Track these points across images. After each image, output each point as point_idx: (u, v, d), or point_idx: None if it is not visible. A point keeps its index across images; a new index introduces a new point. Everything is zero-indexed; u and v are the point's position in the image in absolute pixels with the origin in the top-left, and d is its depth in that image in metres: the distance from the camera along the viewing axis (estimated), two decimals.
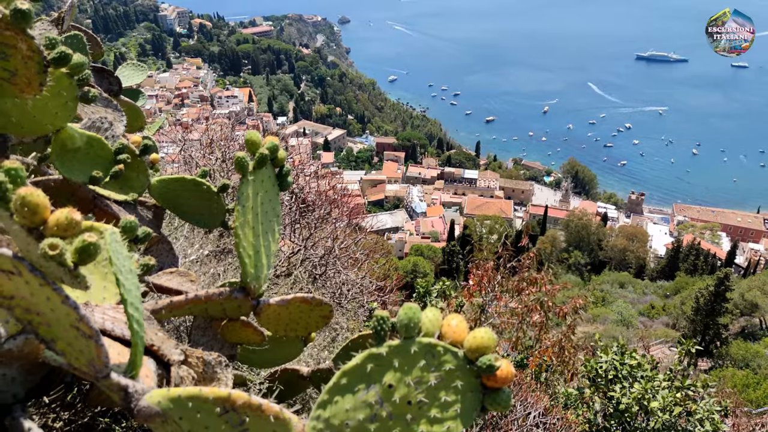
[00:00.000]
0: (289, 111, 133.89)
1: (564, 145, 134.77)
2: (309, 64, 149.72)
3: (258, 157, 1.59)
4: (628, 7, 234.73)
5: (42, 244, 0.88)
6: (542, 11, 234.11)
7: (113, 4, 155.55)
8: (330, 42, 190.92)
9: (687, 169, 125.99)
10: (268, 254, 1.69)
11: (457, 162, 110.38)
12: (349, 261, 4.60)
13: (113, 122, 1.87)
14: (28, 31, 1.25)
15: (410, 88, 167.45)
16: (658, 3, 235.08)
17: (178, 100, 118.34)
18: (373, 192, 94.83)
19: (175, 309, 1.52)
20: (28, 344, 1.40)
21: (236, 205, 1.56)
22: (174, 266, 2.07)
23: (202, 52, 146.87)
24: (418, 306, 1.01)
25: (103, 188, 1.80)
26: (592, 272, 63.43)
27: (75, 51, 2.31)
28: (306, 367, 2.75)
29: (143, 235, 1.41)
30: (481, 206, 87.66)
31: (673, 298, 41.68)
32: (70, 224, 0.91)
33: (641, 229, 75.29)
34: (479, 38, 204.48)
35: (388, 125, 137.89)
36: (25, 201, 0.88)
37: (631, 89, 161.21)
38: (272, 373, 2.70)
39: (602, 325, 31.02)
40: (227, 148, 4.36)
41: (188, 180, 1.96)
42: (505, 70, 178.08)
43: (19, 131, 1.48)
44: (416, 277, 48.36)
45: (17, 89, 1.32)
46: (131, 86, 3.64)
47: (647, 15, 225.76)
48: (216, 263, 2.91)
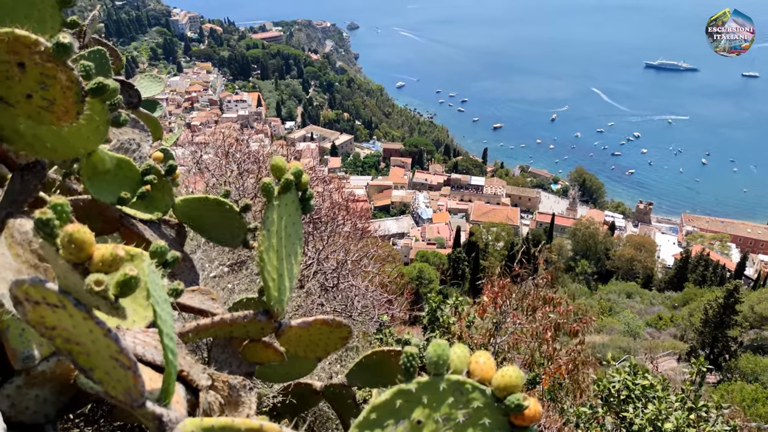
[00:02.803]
0: (297, 116, 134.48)
1: (571, 153, 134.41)
2: (318, 70, 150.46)
3: (283, 182, 1.62)
4: (638, 16, 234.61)
5: (88, 280, 0.91)
6: (551, 19, 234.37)
7: (126, 9, 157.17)
8: (339, 48, 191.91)
9: (696, 178, 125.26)
10: (290, 277, 1.72)
11: (463, 168, 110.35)
12: (361, 273, 4.63)
13: (141, 143, 1.91)
14: (69, 63, 1.29)
15: (418, 95, 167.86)
16: (668, 12, 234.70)
17: (188, 104, 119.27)
18: (380, 197, 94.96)
19: (201, 332, 1.55)
20: (59, 366, 1.44)
21: (261, 230, 1.59)
22: (195, 283, 2.11)
23: (213, 56, 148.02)
24: (446, 342, 1.03)
25: (130, 208, 1.84)
26: (599, 281, 63.07)
27: (99, 66, 2.37)
28: (319, 382, 2.77)
29: (172, 259, 1.44)
30: (488, 213, 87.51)
31: (681, 309, 41.34)
32: (115, 260, 0.94)
33: (649, 239, 74.84)
34: (487, 45, 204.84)
35: (396, 131, 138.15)
36: (73, 238, 0.91)
37: (640, 98, 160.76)
38: (285, 387, 2.73)
39: (609, 335, 30.82)
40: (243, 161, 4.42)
41: (211, 200, 2.00)
42: (513, 77, 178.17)
43: (53, 155, 1.52)
44: (421, 283, 48.31)
45: (55, 117, 1.36)
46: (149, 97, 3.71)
47: (657, 24, 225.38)
48: (232, 276, 2.95)
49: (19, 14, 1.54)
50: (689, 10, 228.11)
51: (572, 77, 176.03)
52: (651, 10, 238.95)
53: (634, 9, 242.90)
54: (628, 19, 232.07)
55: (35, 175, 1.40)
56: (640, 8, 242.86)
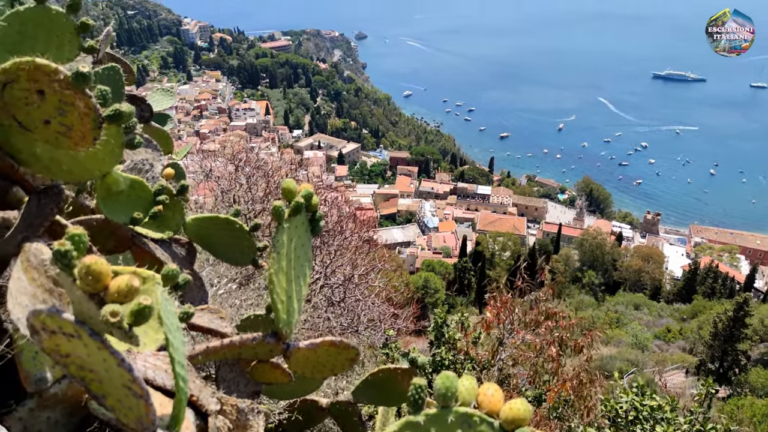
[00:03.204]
0: (304, 124, 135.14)
1: (579, 163, 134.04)
2: (326, 79, 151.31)
3: (294, 205, 1.64)
4: (645, 26, 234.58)
5: (103, 311, 0.93)
6: (559, 29, 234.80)
7: (137, 18, 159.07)
8: (347, 57, 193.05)
9: (704, 189, 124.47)
10: (299, 299, 1.73)
11: (470, 177, 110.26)
12: (368, 288, 4.63)
13: (153, 163, 1.94)
14: (87, 90, 1.32)
15: (425, 104, 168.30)
16: (675, 22, 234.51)
17: (197, 112, 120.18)
18: (386, 206, 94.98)
19: (211, 354, 1.57)
20: (71, 388, 1.45)
21: (271, 252, 1.61)
22: (204, 301, 2.12)
23: (222, 65, 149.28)
24: (454, 374, 1.04)
25: (142, 227, 1.87)
26: (606, 293, 62.58)
27: (113, 83, 2.41)
28: (325, 399, 2.78)
29: (183, 282, 1.46)
30: (494, 222, 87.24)
31: (690, 321, 40.92)
32: (130, 291, 0.96)
33: (657, 250, 74.28)
34: (494, 55, 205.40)
35: (402, 140, 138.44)
36: (90, 270, 0.93)
37: (648, 108, 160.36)
38: (291, 403, 2.74)
39: (617, 347, 30.54)
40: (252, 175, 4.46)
41: (221, 219, 2.02)
42: (520, 86, 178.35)
43: (69, 177, 1.55)
44: (427, 293, 48.15)
45: (72, 143, 1.39)
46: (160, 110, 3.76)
47: (664, 34, 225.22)
48: (240, 291, 2.97)
49: (40, 41, 1.58)
50: (697, 21, 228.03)
51: (579, 87, 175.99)
52: (658, 21, 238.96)
53: (642, 19, 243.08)
54: (636, 29, 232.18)
55: (52, 199, 1.42)
56: (647, 18, 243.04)
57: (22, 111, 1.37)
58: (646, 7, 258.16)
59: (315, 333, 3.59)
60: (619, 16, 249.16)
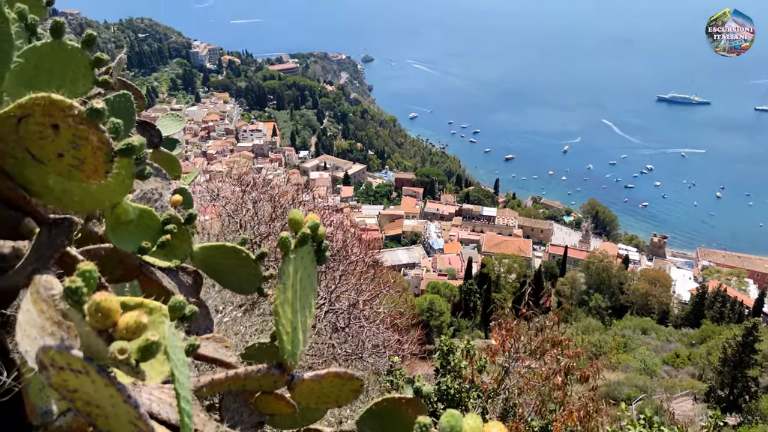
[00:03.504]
0: (311, 145, 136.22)
1: (584, 185, 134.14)
2: (332, 101, 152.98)
3: (300, 236, 1.66)
4: (648, 49, 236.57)
5: (112, 348, 0.94)
6: (562, 53, 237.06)
7: (148, 41, 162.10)
8: (353, 79, 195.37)
9: (711, 212, 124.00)
10: (304, 330, 1.73)
11: (475, 199, 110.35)
12: (372, 314, 4.62)
13: (162, 192, 1.96)
14: (100, 125, 1.35)
15: (430, 126, 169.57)
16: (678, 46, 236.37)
17: (204, 133, 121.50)
18: (391, 227, 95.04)
19: (215, 386, 1.57)
20: (75, 421, 1.45)
21: (278, 283, 1.62)
22: (209, 330, 2.13)
23: (230, 87, 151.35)
24: (459, 414, 1.04)
25: (150, 256, 1.88)
26: (613, 316, 62.01)
27: (125, 110, 2.45)
28: (329, 428, 2.75)
29: (190, 313, 1.47)
30: (500, 244, 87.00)
31: (698, 347, 40.37)
32: (138, 327, 0.97)
33: (664, 273, 73.73)
34: (500, 78, 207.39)
35: (408, 161, 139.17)
36: (100, 307, 0.95)
37: (653, 131, 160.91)
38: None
39: (624, 372, 30.13)
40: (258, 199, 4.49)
41: (228, 247, 2.04)
42: (525, 109, 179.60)
43: (80, 208, 1.57)
44: (432, 315, 47.86)
45: (84, 176, 1.41)
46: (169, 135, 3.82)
47: (667, 57, 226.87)
48: (245, 318, 2.97)
49: (55, 75, 1.62)
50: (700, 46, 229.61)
51: (584, 110, 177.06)
52: (662, 44, 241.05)
53: (644, 42, 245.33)
54: (638, 52, 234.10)
55: (62, 231, 1.45)
56: (649, 41, 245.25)
57: (36, 144, 1.40)
58: (648, 31, 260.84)
59: (319, 360, 3.57)
60: (622, 39, 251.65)
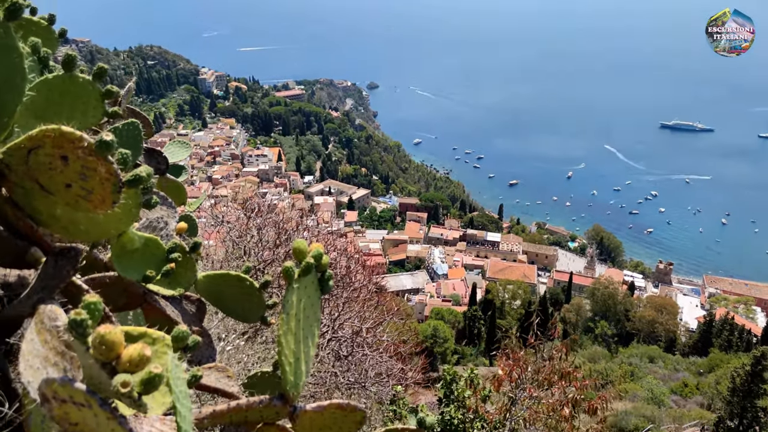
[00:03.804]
0: (316, 170, 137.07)
1: (588, 211, 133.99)
2: (337, 126, 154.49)
3: (304, 266, 1.66)
4: (651, 77, 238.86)
5: (114, 381, 0.94)
6: (565, 79, 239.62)
7: (157, 68, 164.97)
8: (358, 106, 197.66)
9: (716, 239, 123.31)
10: (307, 360, 1.73)
11: (479, 224, 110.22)
12: (376, 341, 4.58)
13: (168, 221, 1.98)
14: (109, 157, 1.37)
15: (434, 151, 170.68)
16: (682, 74, 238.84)
17: (210, 158, 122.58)
18: (395, 252, 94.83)
19: (217, 418, 1.55)
20: None
21: (281, 313, 1.62)
22: (212, 359, 2.12)
23: (237, 112, 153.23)
24: None
25: (154, 284, 1.89)
26: (619, 344, 61.18)
27: (133, 139, 2.48)
28: None
29: (193, 344, 1.46)
30: (504, 270, 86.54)
31: (707, 376, 39.66)
32: (142, 360, 0.97)
33: (671, 301, 72.98)
34: (503, 104, 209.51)
35: (412, 186, 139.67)
36: (104, 339, 0.95)
37: (657, 157, 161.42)
38: None
39: (632, 402, 29.57)
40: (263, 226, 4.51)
41: (232, 276, 2.05)
42: (529, 135, 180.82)
43: (87, 237, 1.59)
44: (436, 342, 47.34)
45: (91, 206, 1.43)
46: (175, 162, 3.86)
47: (670, 84, 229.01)
48: (247, 346, 2.95)
49: (65, 107, 1.66)
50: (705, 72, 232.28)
51: (587, 136, 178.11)
52: (664, 71, 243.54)
53: (648, 69, 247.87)
54: (641, 79, 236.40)
55: (68, 261, 1.46)
56: (653, 68, 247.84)
57: (45, 175, 1.42)
58: (652, 58, 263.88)
59: (322, 388, 3.53)
60: (625, 66, 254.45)
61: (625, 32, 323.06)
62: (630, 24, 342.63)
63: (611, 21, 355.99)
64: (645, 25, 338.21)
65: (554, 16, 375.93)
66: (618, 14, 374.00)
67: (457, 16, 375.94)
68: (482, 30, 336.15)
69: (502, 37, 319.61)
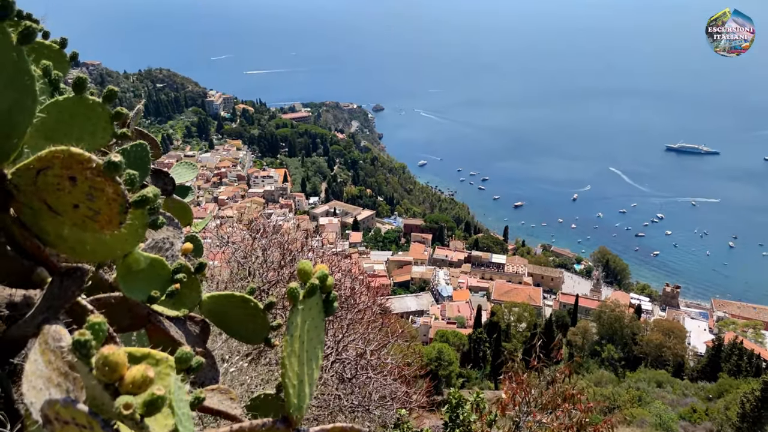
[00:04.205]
0: (321, 191, 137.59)
1: (594, 233, 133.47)
2: (343, 148, 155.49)
3: (308, 287, 1.66)
4: (657, 100, 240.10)
5: (117, 403, 0.94)
6: (570, 102, 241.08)
7: (166, 90, 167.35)
8: (364, 128, 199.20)
9: (724, 262, 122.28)
10: (311, 382, 1.71)
11: (484, 246, 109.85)
12: (380, 364, 4.53)
13: (174, 241, 1.99)
14: (117, 178, 1.39)
15: (439, 173, 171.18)
16: (687, 97, 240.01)
17: (216, 179, 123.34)
18: (400, 273, 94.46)
19: None
20: None
21: (285, 335, 1.61)
22: (215, 381, 2.10)
23: (243, 134, 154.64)
24: None
25: (158, 305, 1.89)
26: (626, 368, 60.32)
27: (141, 159, 2.51)
28: None
29: (196, 365, 1.46)
30: (509, 292, 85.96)
31: (716, 401, 38.97)
32: (145, 381, 0.97)
33: (678, 324, 72.10)
34: (509, 126, 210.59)
35: (417, 207, 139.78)
36: (108, 360, 0.95)
37: (662, 179, 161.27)
38: None
39: (640, 427, 29.02)
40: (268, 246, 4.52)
41: (237, 297, 2.04)
42: (534, 157, 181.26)
43: (93, 257, 1.59)
44: (440, 365, 46.80)
45: (98, 226, 1.44)
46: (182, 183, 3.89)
47: (676, 108, 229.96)
48: (251, 368, 2.92)
49: (75, 128, 1.68)
50: (710, 95, 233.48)
51: (593, 158, 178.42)
52: (670, 95, 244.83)
53: (653, 94, 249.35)
54: (647, 103, 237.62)
55: (74, 282, 1.46)
56: (659, 93, 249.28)
57: (53, 195, 1.43)
58: (657, 81, 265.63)
59: (325, 411, 3.49)
60: (630, 90, 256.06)
61: (628, 54, 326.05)
62: (634, 47, 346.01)
63: (615, 42, 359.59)
64: (648, 47, 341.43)
65: (558, 38, 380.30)
66: (623, 37, 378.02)
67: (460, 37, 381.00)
68: (487, 53, 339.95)
69: (506, 59, 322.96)
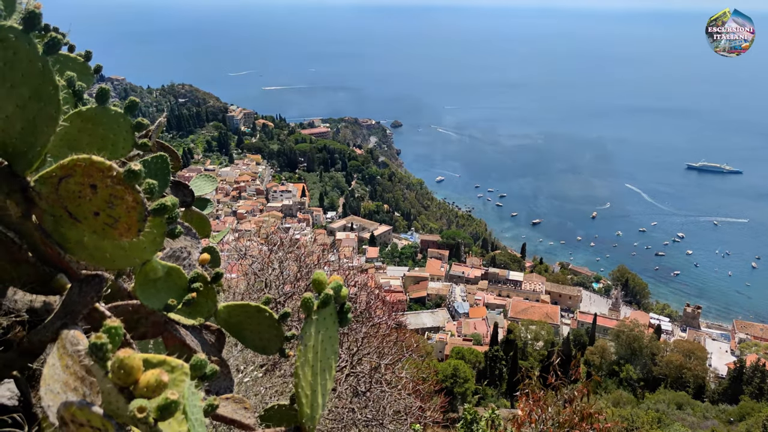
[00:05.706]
0: (338, 206, 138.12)
1: (613, 252, 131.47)
2: (361, 164, 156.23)
3: (323, 297, 1.66)
4: (677, 119, 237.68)
5: (131, 406, 0.94)
6: (588, 120, 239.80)
7: (187, 105, 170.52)
8: (382, 143, 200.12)
9: (747, 282, 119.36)
10: (324, 393, 1.71)
11: (501, 263, 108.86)
12: (395, 378, 4.50)
13: (191, 251, 2.01)
14: (136, 186, 1.41)
15: (457, 189, 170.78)
16: (709, 116, 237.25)
17: (235, 193, 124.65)
18: (416, 289, 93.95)
19: None
20: None
21: (299, 344, 1.61)
22: (230, 390, 2.11)
23: (263, 149, 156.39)
24: None
25: (175, 313, 1.91)
26: (645, 389, 58.94)
27: (161, 171, 2.55)
28: None
29: (210, 373, 1.46)
30: (527, 310, 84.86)
31: (737, 424, 37.85)
32: (159, 386, 0.98)
33: (699, 345, 70.36)
34: (527, 143, 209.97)
35: (434, 223, 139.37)
36: (123, 364, 0.96)
37: (684, 198, 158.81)
38: None
39: None
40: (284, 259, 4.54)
41: (252, 307, 2.05)
42: (552, 174, 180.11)
43: (112, 264, 1.62)
44: (456, 382, 46.27)
45: (117, 233, 1.46)
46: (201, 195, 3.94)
47: (697, 126, 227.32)
48: (265, 379, 2.92)
49: (97, 137, 1.72)
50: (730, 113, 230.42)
51: (612, 175, 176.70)
52: (690, 113, 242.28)
53: (673, 112, 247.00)
54: (666, 121, 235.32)
55: (93, 288, 1.48)
56: (678, 111, 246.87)
57: (74, 203, 1.46)
58: (676, 101, 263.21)
59: (339, 425, 3.46)
60: (648, 108, 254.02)
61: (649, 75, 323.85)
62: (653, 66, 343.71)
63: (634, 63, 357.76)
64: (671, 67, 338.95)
65: (579, 57, 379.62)
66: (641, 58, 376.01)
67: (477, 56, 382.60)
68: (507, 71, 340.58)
69: (526, 77, 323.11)
